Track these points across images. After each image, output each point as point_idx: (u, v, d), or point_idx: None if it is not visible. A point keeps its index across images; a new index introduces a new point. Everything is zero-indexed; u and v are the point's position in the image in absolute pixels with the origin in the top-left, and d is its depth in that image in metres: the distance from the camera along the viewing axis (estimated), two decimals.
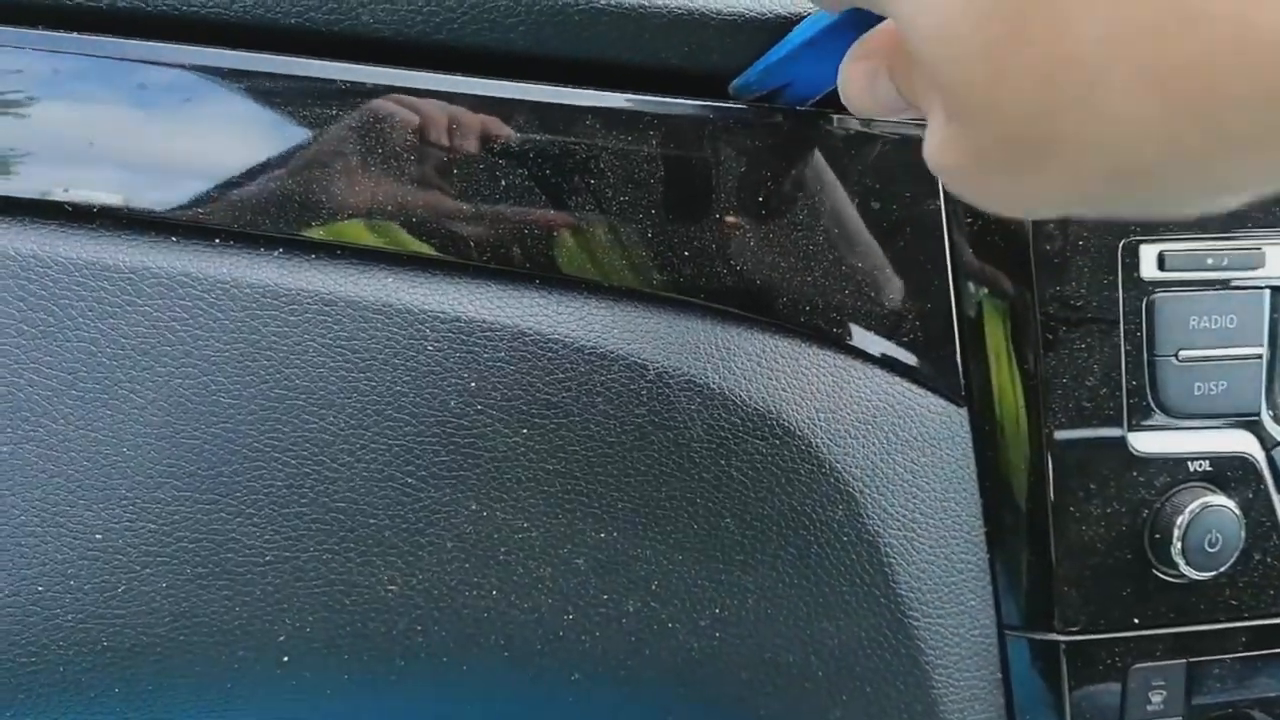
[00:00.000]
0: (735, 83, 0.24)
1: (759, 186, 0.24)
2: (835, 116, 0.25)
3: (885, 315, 0.25)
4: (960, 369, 0.26)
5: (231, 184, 0.22)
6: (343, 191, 0.22)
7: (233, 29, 0.22)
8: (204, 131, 0.22)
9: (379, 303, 0.23)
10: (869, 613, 0.26)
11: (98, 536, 0.22)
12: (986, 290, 0.26)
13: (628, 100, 0.23)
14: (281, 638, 0.23)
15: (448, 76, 0.23)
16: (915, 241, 0.25)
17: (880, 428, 0.26)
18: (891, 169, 0.25)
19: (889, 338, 0.25)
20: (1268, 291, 0.28)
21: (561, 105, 0.23)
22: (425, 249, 0.23)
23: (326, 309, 0.23)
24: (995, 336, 0.27)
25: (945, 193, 0.25)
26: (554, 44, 0.23)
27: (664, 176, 0.24)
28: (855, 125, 0.25)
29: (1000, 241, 0.26)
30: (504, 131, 0.23)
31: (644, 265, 0.24)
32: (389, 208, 0.23)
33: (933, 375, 0.26)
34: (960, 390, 0.26)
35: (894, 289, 0.25)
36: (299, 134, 0.22)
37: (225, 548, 0.23)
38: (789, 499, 0.26)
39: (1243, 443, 0.28)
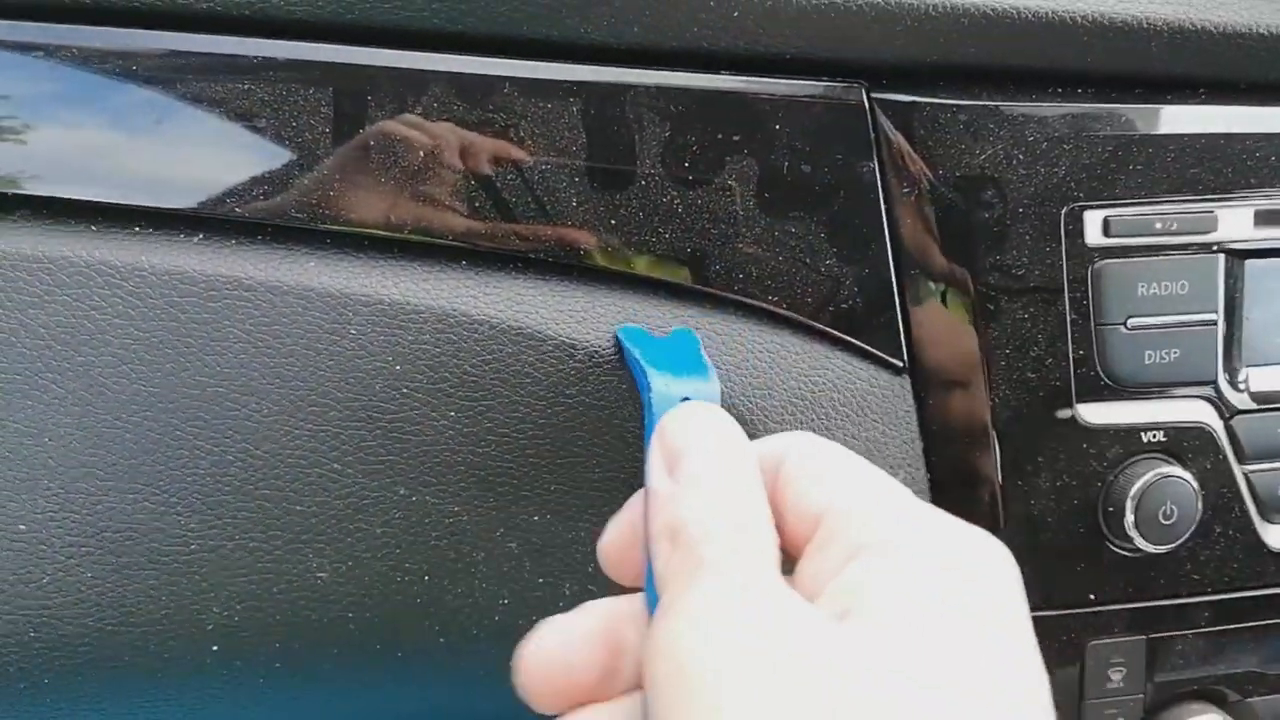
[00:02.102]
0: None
1: (685, 153, 0.24)
2: (764, 80, 0.25)
3: (821, 285, 0.25)
4: (902, 341, 0.27)
5: (149, 166, 0.23)
6: (263, 169, 0.23)
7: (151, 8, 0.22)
8: (119, 114, 0.22)
9: (300, 287, 0.23)
10: None
11: (21, 528, 0.23)
12: (925, 259, 0.26)
13: (547, 68, 0.23)
14: (210, 627, 0.24)
15: (361, 49, 0.23)
16: (850, 208, 0.25)
17: (819, 403, 0.26)
18: (822, 131, 0.25)
19: (826, 308, 0.25)
20: (1221, 256, 0.28)
21: (475, 75, 0.23)
22: (349, 225, 0.23)
23: (246, 294, 0.23)
24: (935, 307, 0.27)
25: (880, 157, 0.25)
26: (469, 19, 0.23)
27: (589, 145, 0.24)
28: (783, 89, 0.25)
29: (938, 209, 0.26)
30: (424, 103, 0.23)
31: (570, 236, 0.24)
32: (310, 184, 0.23)
33: (873, 347, 0.26)
34: (902, 362, 0.27)
35: (830, 258, 0.25)
36: (217, 113, 0.22)
37: (150, 537, 0.23)
38: None
39: (1199, 412, 0.28)
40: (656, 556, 0.18)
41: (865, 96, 0.25)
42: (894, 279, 0.26)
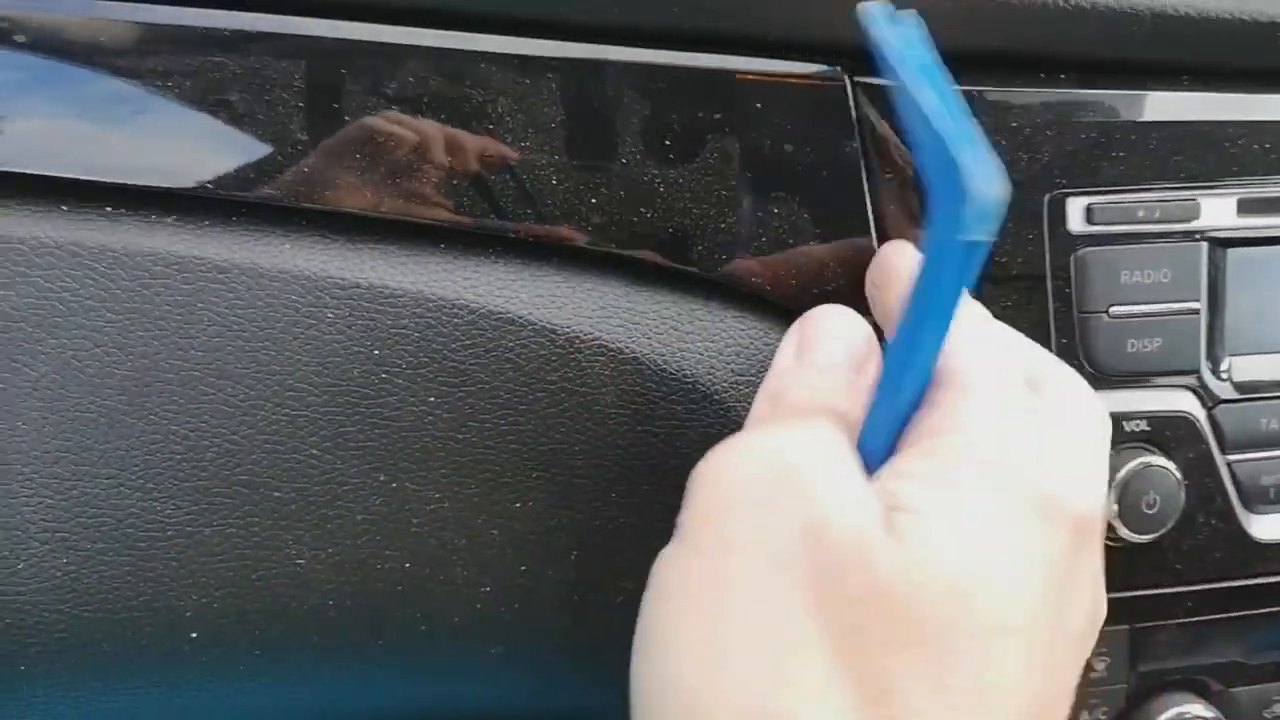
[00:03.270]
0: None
1: (666, 132, 0.24)
2: (745, 60, 0.25)
3: (804, 267, 0.26)
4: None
5: (120, 143, 0.23)
6: (236, 145, 0.23)
7: None
8: (88, 89, 0.22)
9: (276, 269, 0.23)
10: None
11: None
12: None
13: (525, 44, 0.23)
14: (188, 613, 0.24)
15: (336, 23, 0.23)
16: (833, 190, 0.25)
17: None
18: (804, 113, 0.25)
19: (809, 291, 0.26)
20: (1204, 244, 0.28)
21: (452, 49, 0.23)
22: (324, 204, 0.23)
23: (221, 276, 0.23)
24: None
25: (863, 141, 0.26)
26: None
27: (568, 123, 0.24)
28: (764, 69, 0.25)
29: (921, 194, 0.26)
30: (400, 78, 0.23)
31: (549, 216, 0.24)
32: (284, 161, 0.23)
33: None
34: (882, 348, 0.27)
35: (812, 240, 0.26)
36: (189, 88, 0.22)
37: (126, 523, 0.23)
38: None
39: (1182, 401, 0.29)
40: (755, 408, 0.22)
41: (848, 80, 0.26)
42: None
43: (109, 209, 0.23)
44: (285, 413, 0.24)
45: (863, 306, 0.27)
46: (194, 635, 0.24)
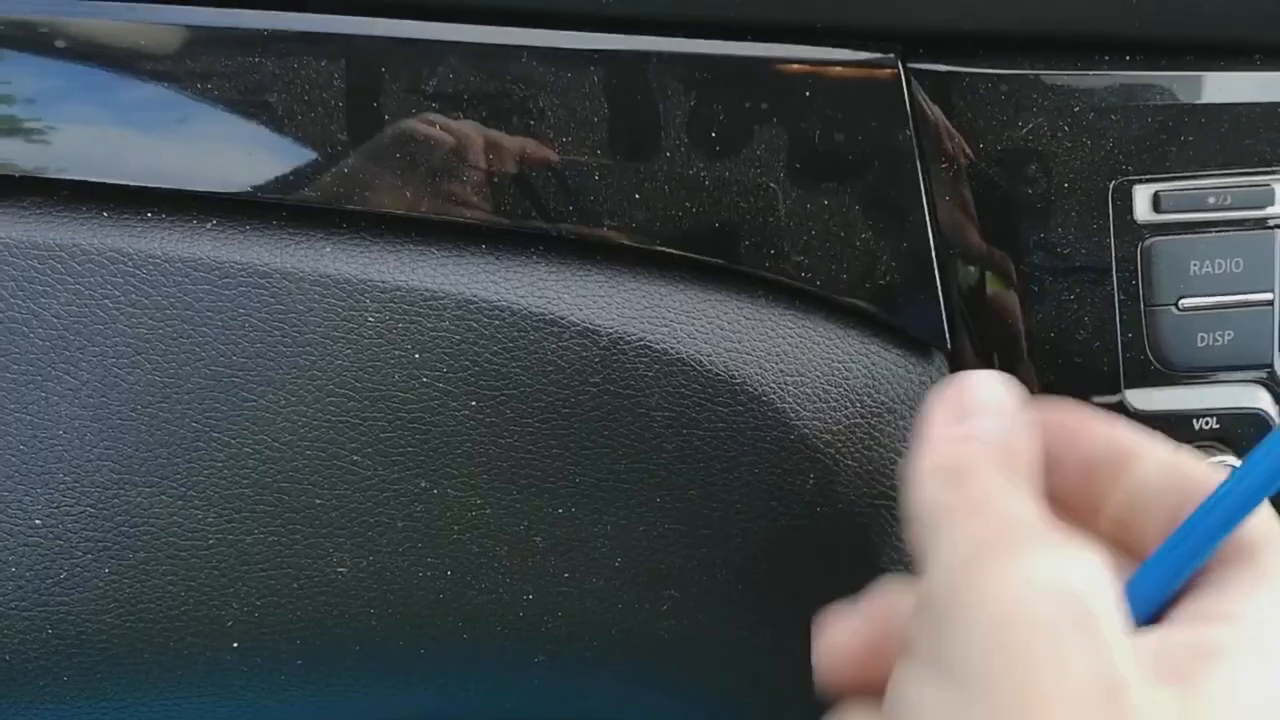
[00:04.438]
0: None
1: (712, 123, 0.24)
2: (793, 48, 0.24)
3: (856, 262, 0.25)
4: (944, 322, 0.26)
5: (161, 148, 0.23)
6: (277, 147, 0.23)
7: None
8: (129, 95, 0.22)
9: (316, 274, 0.23)
10: (848, 589, 0.26)
11: (37, 522, 0.23)
12: (964, 238, 0.26)
13: (565, 37, 0.23)
14: (230, 622, 0.24)
15: (374, 20, 0.23)
16: (886, 182, 0.25)
17: (854, 390, 0.26)
18: (855, 101, 0.24)
19: (862, 286, 0.25)
20: (1278, 232, 0.27)
21: (493, 45, 0.23)
22: (365, 205, 0.23)
23: (262, 281, 0.23)
24: (976, 288, 0.26)
25: (916, 130, 0.25)
26: None
27: (611, 116, 0.23)
28: (813, 56, 0.24)
29: (978, 185, 0.25)
30: (440, 74, 0.23)
31: (593, 211, 0.24)
32: (324, 162, 0.23)
33: (912, 329, 0.26)
34: (944, 345, 0.26)
35: (865, 233, 0.25)
36: (227, 90, 0.22)
37: (168, 531, 0.23)
38: (756, 470, 0.26)
39: (1254, 397, 0.28)
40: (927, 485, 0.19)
41: (900, 66, 0.25)
42: (933, 256, 0.26)
43: (149, 214, 0.23)
44: (326, 419, 0.24)
45: (918, 299, 0.26)
46: (235, 644, 0.24)
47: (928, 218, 0.25)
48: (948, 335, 0.26)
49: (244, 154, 0.23)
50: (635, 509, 0.26)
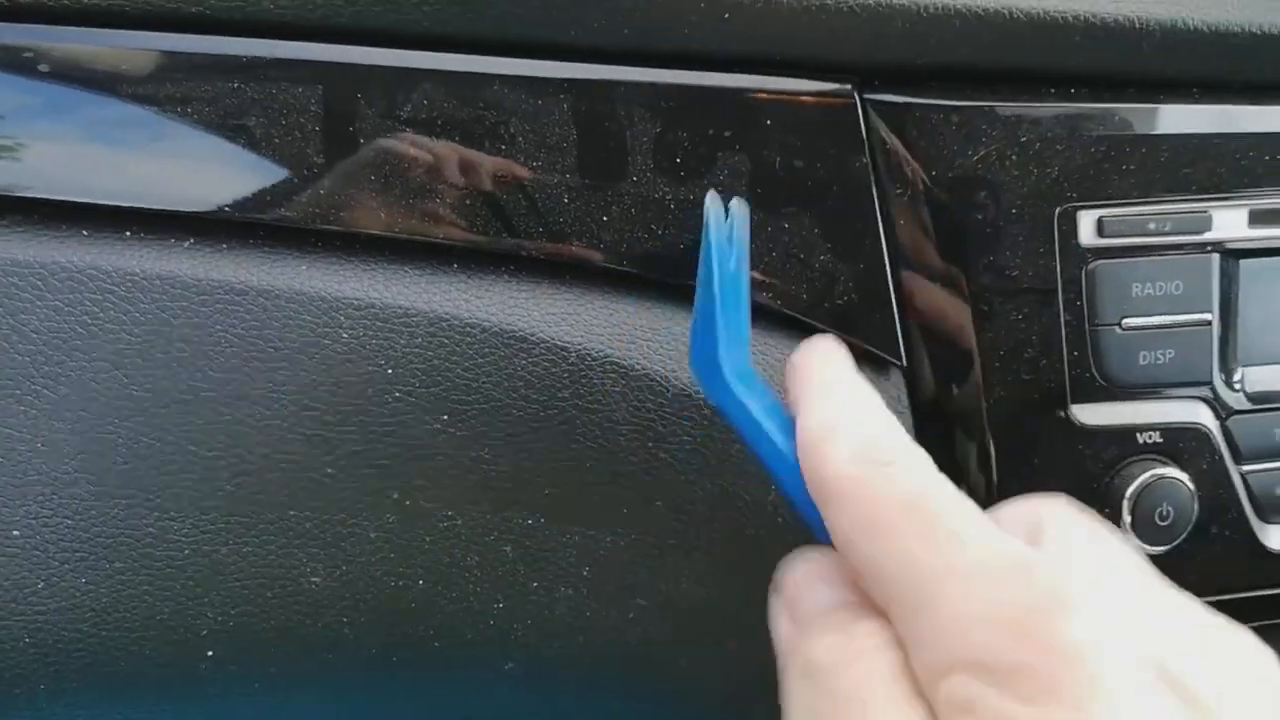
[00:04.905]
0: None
1: (676, 150, 0.25)
2: (753, 78, 0.25)
3: (816, 282, 0.26)
4: (899, 339, 0.27)
5: (141, 168, 0.23)
6: (253, 169, 0.24)
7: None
8: (110, 116, 0.23)
9: (291, 291, 0.24)
10: None
11: (15, 534, 0.23)
12: (919, 260, 0.27)
13: (536, 66, 0.24)
14: (204, 632, 0.25)
15: (349, 48, 0.23)
16: (844, 206, 0.26)
17: None
18: (813, 130, 0.25)
19: (821, 305, 0.26)
20: (1216, 255, 0.29)
21: (464, 73, 0.24)
22: (340, 225, 0.24)
23: (238, 299, 0.24)
24: (930, 308, 0.28)
25: (873, 157, 0.26)
26: (456, 23, 0.24)
27: (579, 142, 0.24)
28: (773, 87, 0.25)
29: (931, 210, 0.27)
30: (413, 101, 0.24)
31: (562, 232, 0.25)
32: (300, 184, 0.24)
33: (871, 345, 0.27)
34: (900, 360, 0.27)
35: (824, 255, 0.26)
36: (206, 113, 0.23)
37: (144, 542, 0.24)
38: (721, 481, 0.27)
39: (1195, 412, 0.29)
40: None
41: (856, 97, 0.26)
42: (889, 277, 0.27)
43: (128, 233, 0.24)
44: (300, 432, 0.24)
45: (875, 318, 0.27)
46: (210, 653, 0.25)
47: (884, 240, 0.27)
48: (903, 352, 0.28)
49: (219, 175, 0.23)
50: (603, 520, 0.26)
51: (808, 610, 0.20)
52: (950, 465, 0.29)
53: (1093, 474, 0.29)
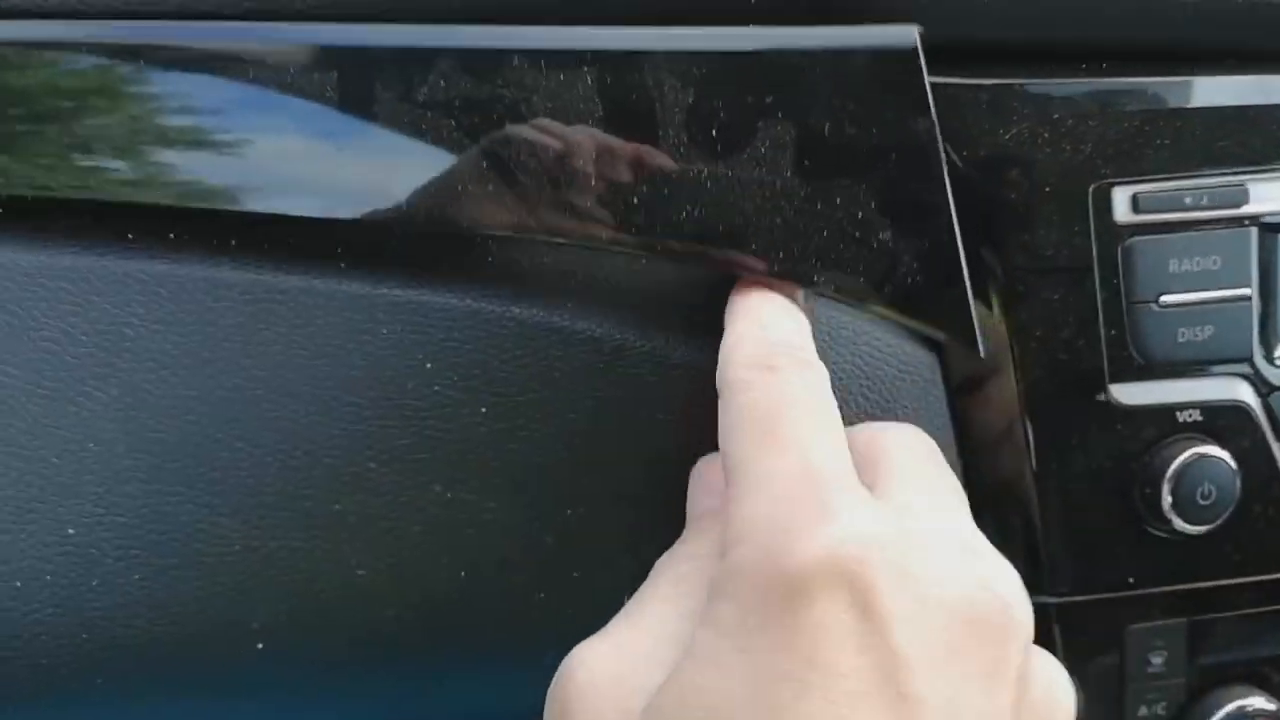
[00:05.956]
0: None
1: (713, 121, 0.24)
2: (796, 31, 0.24)
3: (873, 264, 0.24)
4: (975, 324, 0.25)
5: (182, 166, 0.24)
6: (287, 160, 0.24)
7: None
8: (147, 111, 0.24)
9: (332, 289, 0.25)
10: None
11: (70, 531, 0.24)
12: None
13: (548, 33, 0.23)
14: (255, 625, 0.25)
15: (368, 27, 0.23)
16: (903, 178, 0.24)
17: (850, 388, 0.27)
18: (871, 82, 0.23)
19: (881, 290, 0.25)
20: (1254, 229, 0.29)
21: (488, 49, 0.23)
22: (374, 217, 0.24)
23: (280, 297, 0.25)
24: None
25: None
26: None
27: (608, 118, 0.24)
28: (823, 40, 0.24)
29: (963, 190, 0.27)
30: (431, 82, 0.23)
31: (592, 213, 0.24)
32: (341, 174, 0.24)
33: (945, 330, 0.26)
34: (978, 351, 0.26)
35: (882, 232, 0.24)
36: (253, 106, 0.24)
37: (195, 539, 0.25)
38: None
39: (1235, 390, 0.29)
40: None
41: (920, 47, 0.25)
42: (961, 254, 0.25)
43: (172, 235, 0.24)
44: (343, 428, 0.25)
45: (942, 312, 0.25)
46: (260, 646, 0.26)
47: (953, 212, 0.25)
48: (980, 339, 0.26)
49: (260, 171, 0.24)
50: (642, 508, 0.27)
51: (690, 513, 0.23)
52: (987, 449, 0.29)
53: (1132, 453, 0.29)
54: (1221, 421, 0.29)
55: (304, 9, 0.24)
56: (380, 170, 0.24)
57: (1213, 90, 0.28)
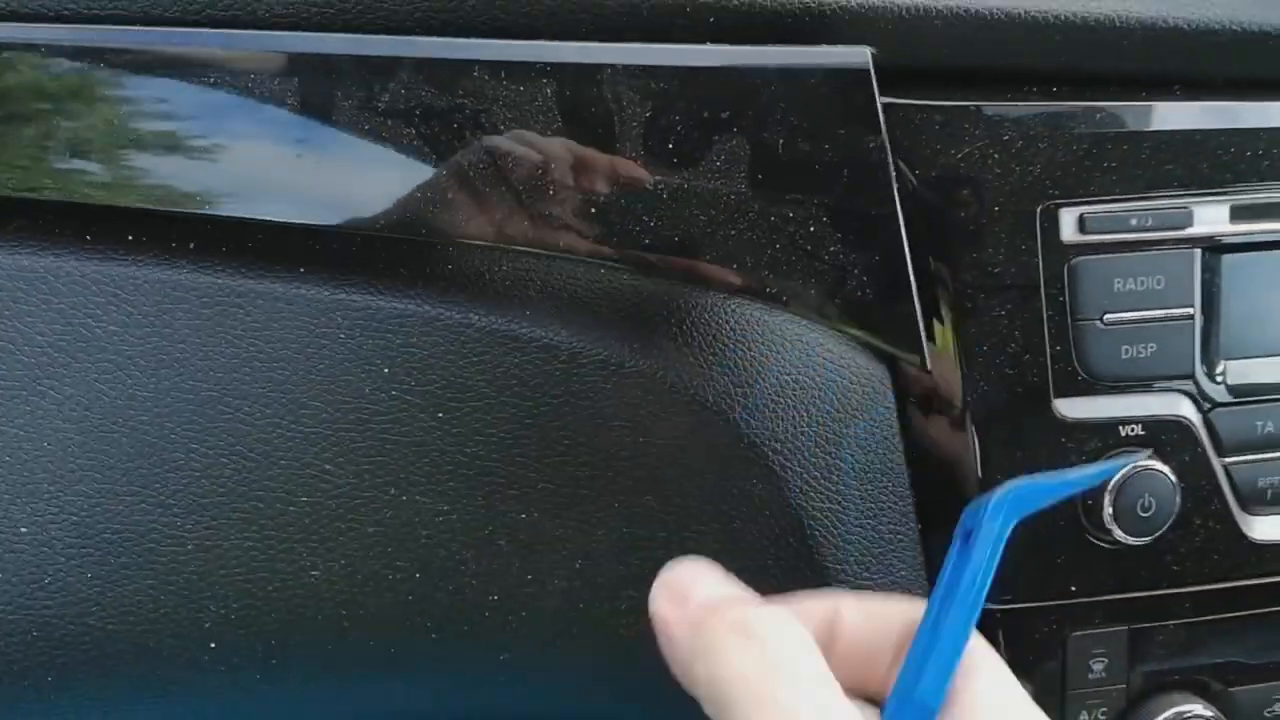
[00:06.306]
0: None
1: (671, 134, 0.24)
2: (754, 49, 0.24)
3: (826, 277, 0.26)
4: (923, 336, 0.27)
5: (144, 168, 0.24)
6: (246, 167, 0.24)
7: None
8: (111, 114, 0.24)
9: (290, 293, 0.25)
10: (797, 587, 0.28)
11: (23, 530, 0.24)
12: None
13: (510, 47, 0.24)
14: (207, 624, 0.26)
15: (331, 36, 0.24)
16: (854, 194, 0.25)
17: (800, 398, 0.28)
18: (824, 101, 0.24)
19: (833, 302, 0.26)
20: (1197, 251, 0.30)
21: (446, 59, 0.24)
22: (334, 224, 0.24)
23: (238, 300, 0.25)
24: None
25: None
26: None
27: (569, 130, 0.24)
28: (779, 58, 0.24)
29: (915, 208, 0.28)
30: (392, 89, 0.24)
31: (550, 222, 0.25)
32: (298, 181, 0.24)
33: (891, 344, 0.27)
34: (924, 366, 0.27)
35: (834, 246, 0.25)
36: (205, 110, 0.24)
37: (148, 538, 0.25)
38: (710, 474, 0.28)
39: (1177, 405, 0.30)
40: None
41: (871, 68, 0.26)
42: (909, 269, 0.26)
43: (129, 237, 0.25)
44: (298, 430, 0.25)
45: (889, 326, 0.26)
46: (213, 645, 0.26)
47: (903, 228, 0.26)
48: (926, 353, 0.27)
49: (220, 175, 0.24)
50: (594, 514, 0.27)
51: (650, 609, 0.21)
52: (935, 460, 0.30)
53: (1076, 466, 0.29)
54: (1163, 436, 0.30)
55: (268, 17, 0.24)
56: (345, 177, 0.24)
57: (1159, 115, 0.29)
